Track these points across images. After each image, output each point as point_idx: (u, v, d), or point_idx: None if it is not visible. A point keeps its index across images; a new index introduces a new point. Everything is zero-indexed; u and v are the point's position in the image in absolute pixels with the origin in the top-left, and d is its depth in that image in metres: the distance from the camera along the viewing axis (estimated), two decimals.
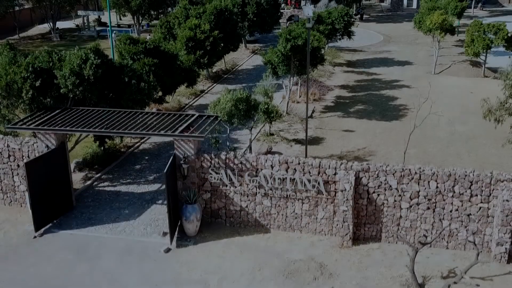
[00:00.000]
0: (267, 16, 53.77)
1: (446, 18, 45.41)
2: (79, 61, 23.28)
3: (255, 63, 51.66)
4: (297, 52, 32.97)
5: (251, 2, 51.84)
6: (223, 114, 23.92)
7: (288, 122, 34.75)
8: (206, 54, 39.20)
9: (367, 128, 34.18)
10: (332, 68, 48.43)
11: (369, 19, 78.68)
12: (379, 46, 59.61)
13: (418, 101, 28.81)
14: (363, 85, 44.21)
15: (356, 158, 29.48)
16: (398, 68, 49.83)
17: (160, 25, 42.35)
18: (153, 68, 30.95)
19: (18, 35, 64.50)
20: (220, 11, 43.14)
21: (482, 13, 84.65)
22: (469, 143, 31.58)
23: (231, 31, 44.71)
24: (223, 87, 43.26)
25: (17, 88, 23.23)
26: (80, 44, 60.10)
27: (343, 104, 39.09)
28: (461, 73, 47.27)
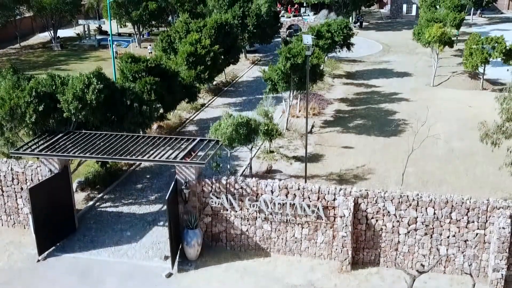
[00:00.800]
0: (267, 27, 54.12)
1: (445, 31, 45.71)
2: (82, 86, 23.59)
3: (255, 74, 51.95)
4: (297, 70, 33.31)
5: (251, 14, 52.16)
6: (223, 138, 24.23)
7: (288, 138, 35.07)
8: (207, 69, 39.47)
9: (366, 144, 34.49)
10: (331, 80, 48.73)
11: (368, 27, 78.98)
12: (379, 56, 59.93)
13: (416, 124, 28.93)
14: (362, 98, 44.52)
15: (355, 176, 29.83)
16: (397, 79, 50.14)
17: (161, 39, 42.64)
18: (154, 86, 31.27)
19: (19, 44, 64.81)
20: (220, 25, 43.46)
21: (481, 20, 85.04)
22: (467, 161, 31.90)
23: (232, 44, 45.04)
24: (223, 101, 43.77)
25: (20, 113, 23.55)
26: (81, 54, 60.67)
27: (342, 119, 39.41)
28: (460, 86, 47.60)
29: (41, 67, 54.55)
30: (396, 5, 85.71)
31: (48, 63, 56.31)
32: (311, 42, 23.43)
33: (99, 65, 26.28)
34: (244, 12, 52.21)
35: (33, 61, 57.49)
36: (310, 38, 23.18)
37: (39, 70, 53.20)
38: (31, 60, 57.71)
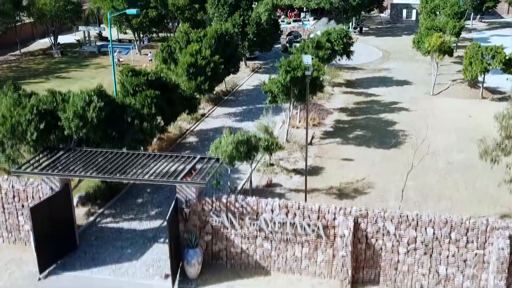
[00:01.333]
0: (267, 35, 54.23)
1: (444, 41, 45.82)
2: (83, 104, 23.69)
3: (255, 83, 52.00)
4: (297, 82, 33.40)
5: (251, 23, 52.26)
6: (224, 157, 24.32)
7: (288, 151, 35.16)
8: (207, 80, 39.61)
9: (366, 156, 34.58)
10: (331, 89, 48.84)
11: (368, 32, 79.12)
12: (378, 63, 60.04)
13: (416, 137, 28.98)
14: (362, 107, 44.62)
15: (355, 190, 29.93)
16: (397, 88, 50.25)
17: (161, 50, 42.73)
18: (154, 100, 31.39)
19: (20, 51, 64.91)
20: (220, 35, 43.54)
21: (481, 25, 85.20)
22: (467, 174, 31.98)
23: (232, 54, 45.14)
24: (223, 110, 43.84)
25: (21, 130, 23.63)
26: (81, 61, 60.74)
27: (342, 130, 39.50)
28: (459, 94, 47.72)
29: (42, 75, 54.72)
30: (396, 10, 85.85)
31: (49, 71, 56.42)
32: (310, 63, 23.53)
33: (100, 83, 26.37)
34: (244, 20, 52.31)
35: (34, 68, 57.56)
36: (310, 59, 23.27)
37: (40, 78, 53.48)
38: (32, 68, 57.78)
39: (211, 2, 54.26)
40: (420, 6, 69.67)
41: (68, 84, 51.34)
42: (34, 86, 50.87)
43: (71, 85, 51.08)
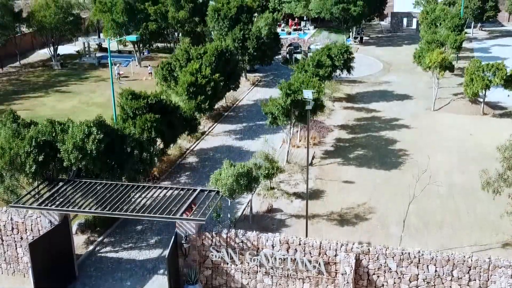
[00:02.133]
0: (267, 49, 54.05)
1: (445, 57, 45.65)
2: (82, 135, 23.51)
3: (256, 97, 51.91)
4: (297, 105, 33.24)
5: (251, 37, 52.07)
6: (224, 190, 24.14)
7: (289, 172, 34.98)
8: (207, 99, 39.47)
9: (366, 179, 34.41)
10: (331, 104, 48.66)
11: (369, 42, 78.89)
12: (379, 75, 59.85)
13: (418, 172, 28.73)
14: (362, 124, 44.44)
15: (356, 216, 29.76)
16: (397, 103, 50.06)
17: (162, 67, 42.57)
18: (154, 124, 31.25)
19: (19, 62, 64.73)
20: (221, 52, 43.39)
21: (482, 34, 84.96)
22: (468, 198, 31.80)
23: (232, 70, 45.01)
24: (223, 128, 43.64)
25: (20, 162, 23.47)
26: (81, 73, 60.52)
27: (343, 149, 39.33)
28: (461, 110, 47.53)
29: (41, 88, 54.54)
30: (397, 19, 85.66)
31: (48, 84, 56.24)
32: (311, 97, 23.37)
33: (99, 114, 25.96)
34: (244, 35, 52.13)
35: (33, 81, 57.36)
36: (311, 94, 23.11)
37: (39, 92, 53.32)
38: (31, 81, 57.58)
39: (211, 16, 54.09)
40: (421, 16, 69.46)
41: (68, 98, 51.43)
42: (34, 100, 50.90)
43: (71, 99, 51.15)
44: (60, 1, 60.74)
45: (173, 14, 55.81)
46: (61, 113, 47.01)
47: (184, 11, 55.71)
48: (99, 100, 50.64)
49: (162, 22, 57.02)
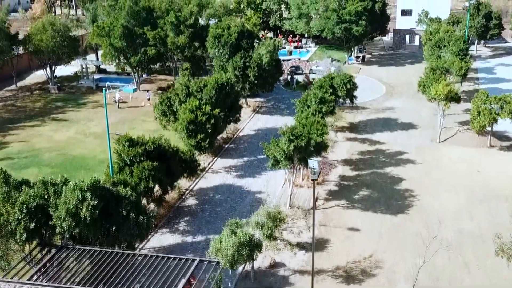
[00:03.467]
0: (268, 76, 52.92)
1: (451, 89, 44.55)
2: (76, 201, 22.35)
3: (257, 126, 50.78)
4: (300, 151, 32.12)
5: (252, 65, 50.92)
6: (225, 261, 22.97)
7: (291, 218, 33.84)
8: (207, 137, 38.36)
9: (372, 226, 33.25)
10: (334, 135, 47.50)
11: (371, 60, 77.73)
12: (382, 101, 58.65)
13: (428, 237, 27.65)
14: (366, 159, 43.28)
15: (363, 272, 28.62)
16: (402, 133, 48.89)
17: (161, 102, 41.45)
18: (152, 172, 30.13)
19: (16, 85, 63.60)
20: (221, 86, 42.29)
21: (485, 51, 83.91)
22: (478, 248, 30.66)
23: (233, 103, 43.92)
24: (223, 163, 42.46)
25: (11, 230, 22.32)
26: (79, 98, 59.34)
27: (347, 189, 38.18)
28: (467, 142, 46.36)
29: (38, 116, 53.37)
30: (399, 36, 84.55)
31: (45, 111, 55.07)
32: (317, 167, 22.26)
33: (95, 177, 24.56)
34: (245, 62, 50.99)
35: (30, 108, 56.20)
36: (316, 163, 22.00)
37: (35, 121, 52.15)
38: (27, 107, 56.41)
39: (211, 43, 52.95)
40: (424, 37, 68.34)
41: (65, 128, 50.26)
42: (30, 130, 49.73)
43: (68, 129, 49.94)
44: (57, 24, 59.61)
45: (173, 39, 54.65)
46: (57, 145, 45.96)
47: (184, 36, 54.55)
48: (97, 130, 49.47)
49: (161, 47, 55.84)
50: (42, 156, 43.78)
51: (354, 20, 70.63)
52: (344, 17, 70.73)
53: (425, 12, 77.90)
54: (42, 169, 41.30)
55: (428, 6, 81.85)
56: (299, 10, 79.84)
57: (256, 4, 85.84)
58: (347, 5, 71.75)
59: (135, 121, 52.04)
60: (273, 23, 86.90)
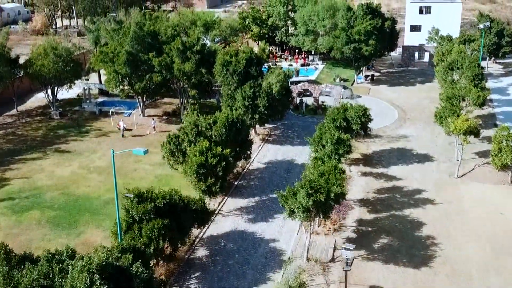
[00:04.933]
0: (278, 105, 51.04)
1: (471, 124, 42.70)
2: (84, 286, 20.47)
3: (267, 158, 48.91)
4: (320, 205, 30.25)
5: (262, 95, 49.02)
6: None
7: (309, 274, 31.94)
8: (218, 179, 36.53)
9: (395, 282, 31.36)
10: (348, 169, 45.60)
11: (380, 79, 75.79)
12: (395, 127, 56.69)
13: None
14: (384, 198, 41.41)
15: None
16: (418, 167, 46.97)
17: (169, 141, 39.57)
18: (163, 231, 28.29)
19: (16, 109, 61.80)
20: (232, 122, 40.45)
21: (496, 68, 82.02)
22: None
23: (243, 140, 42.10)
24: (234, 204, 40.60)
25: None
26: (81, 124, 57.42)
27: (366, 236, 36.30)
28: (487, 178, 44.47)
29: (39, 147, 51.51)
30: (408, 53, 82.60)
31: (47, 140, 53.21)
32: (351, 258, 20.44)
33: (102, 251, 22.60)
34: (254, 92, 49.11)
35: (31, 136, 54.30)
36: (350, 253, 20.16)
37: (37, 153, 50.32)
38: (29, 136, 54.53)
39: (219, 71, 51.07)
40: (436, 58, 66.47)
41: (67, 161, 48.38)
42: (31, 164, 47.84)
43: (70, 163, 47.99)
44: (59, 49, 57.75)
45: (179, 66, 52.74)
46: (60, 183, 44.07)
47: (191, 62, 52.62)
48: (101, 164, 47.60)
49: (167, 73, 53.92)
50: (44, 196, 41.90)
51: (364, 39, 68.78)
52: (353, 37, 68.92)
53: (436, 30, 76.03)
54: (45, 211, 39.49)
55: (437, 22, 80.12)
56: (305, 26, 78.07)
57: (261, 20, 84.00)
58: (356, 24, 69.93)
59: None
60: (279, 39, 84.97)
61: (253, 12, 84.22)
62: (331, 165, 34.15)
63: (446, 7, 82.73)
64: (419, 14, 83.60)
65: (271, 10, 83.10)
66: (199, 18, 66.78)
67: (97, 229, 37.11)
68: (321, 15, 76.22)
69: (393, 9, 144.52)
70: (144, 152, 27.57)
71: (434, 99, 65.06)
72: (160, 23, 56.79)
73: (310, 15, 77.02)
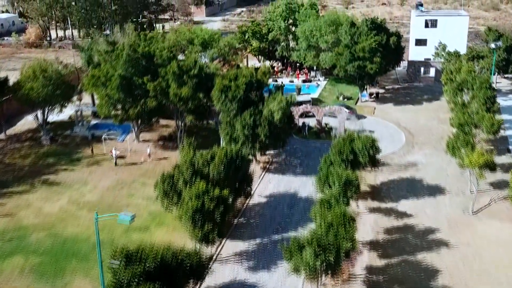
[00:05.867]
0: (280, 133, 48.15)
1: (487, 158, 39.84)
2: None
3: (268, 190, 46.00)
4: (329, 266, 27.34)
5: (263, 123, 46.12)
6: None
7: None
8: (216, 225, 33.61)
9: None
10: (355, 205, 42.71)
11: (385, 96, 72.82)
12: (403, 154, 53.72)
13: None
14: (395, 240, 38.50)
15: None
16: (429, 201, 44.05)
17: (162, 181, 36.62)
18: None
19: (5, 133, 58.88)
20: (231, 159, 37.57)
21: (505, 82, 79.31)
22: None
23: (243, 178, 39.23)
24: (233, 247, 37.72)
25: None
26: (73, 151, 54.48)
27: (377, 287, 33.39)
28: (504, 215, 41.56)
29: (27, 178, 48.60)
30: (414, 68, 79.73)
31: (35, 170, 50.24)
32: None
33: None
34: (255, 120, 46.22)
35: (19, 165, 51.32)
36: None
37: (24, 185, 47.54)
38: (16, 164, 51.55)
39: (217, 97, 48.18)
40: (445, 77, 63.53)
41: (56, 195, 45.53)
42: (17, 199, 45.00)
43: (59, 197, 45.03)
44: (49, 71, 54.84)
45: (175, 90, 49.85)
46: (47, 221, 41.17)
47: (187, 87, 49.73)
48: (91, 198, 44.68)
49: (162, 98, 51.00)
50: (30, 238, 38.97)
51: (368, 57, 65.94)
52: (357, 54, 66.08)
53: (443, 45, 73.26)
54: (29, 257, 36.61)
55: (443, 36, 77.31)
56: (307, 41, 75.27)
57: (261, 34, 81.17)
58: (360, 40, 67.12)
59: (134, 184, 47.26)
60: (280, 53, 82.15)
61: (253, 26, 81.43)
62: (340, 212, 31.26)
63: (452, 21, 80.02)
64: (424, 28, 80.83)
65: (271, 25, 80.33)
66: (196, 36, 63.89)
67: (85, 279, 34.18)
68: (323, 30, 73.51)
69: (396, 17, 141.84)
70: (129, 221, 24.64)
71: (442, 120, 62.38)
72: (155, 44, 53.83)
73: (312, 29, 74.30)
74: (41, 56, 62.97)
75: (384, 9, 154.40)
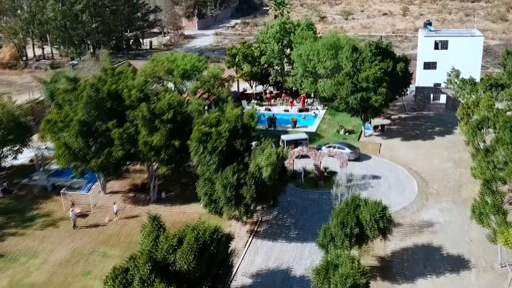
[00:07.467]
0: (271, 189, 40.07)
1: None
2: None
3: (255, 265, 37.86)
4: None
5: (249, 182, 38.05)
6: None
7: None
8: None
9: None
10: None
11: (391, 129, 64.69)
12: (416, 209, 45.48)
13: None
14: None
15: None
16: (452, 279, 35.99)
17: (113, 278, 28.29)
18: None
19: None
20: (203, 245, 29.42)
21: None
22: None
23: (220, 265, 31.06)
24: None
25: None
26: (28, 207, 46.28)
27: None
28: None
29: None
30: (422, 95, 71.62)
31: None
32: None
33: None
34: (239, 179, 38.15)
35: None
36: None
37: None
38: None
39: (194, 149, 40.11)
40: (461, 112, 55.39)
41: None
42: None
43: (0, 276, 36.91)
44: (0, 114, 46.75)
45: (145, 138, 41.81)
46: None
47: (160, 134, 41.69)
48: (38, 279, 36.53)
49: (130, 147, 42.91)
50: None
51: (373, 87, 57.95)
52: (360, 84, 58.08)
53: (456, 72, 65.10)
54: None
55: (455, 58, 69.16)
56: (304, 66, 67.31)
57: (253, 57, 73.14)
58: (364, 68, 59.15)
59: (92, 256, 39.11)
60: (274, 79, 74.16)
61: (244, 49, 73.36)
62: None
63: (465, 42, 71.68)
64: (434, 50, 72.61)
65: (263, 47, 72.31)
66: (176, 66, 55.80)
67: None
68: (321, 54, 65.53)
69: (398, 30, 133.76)
70: None
71: (458, 161, 54.43)
72: (124, 81, 45.69)
73: (309, 54, 66.30)
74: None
75: (386, 20, 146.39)
